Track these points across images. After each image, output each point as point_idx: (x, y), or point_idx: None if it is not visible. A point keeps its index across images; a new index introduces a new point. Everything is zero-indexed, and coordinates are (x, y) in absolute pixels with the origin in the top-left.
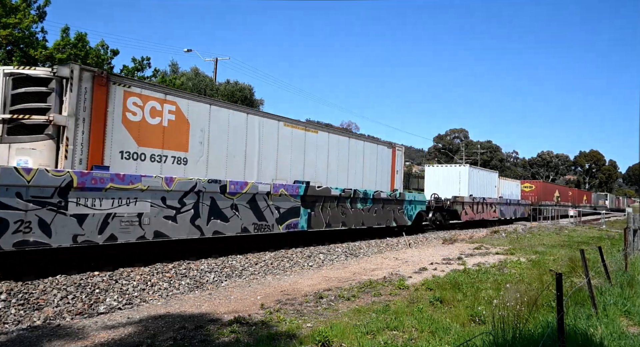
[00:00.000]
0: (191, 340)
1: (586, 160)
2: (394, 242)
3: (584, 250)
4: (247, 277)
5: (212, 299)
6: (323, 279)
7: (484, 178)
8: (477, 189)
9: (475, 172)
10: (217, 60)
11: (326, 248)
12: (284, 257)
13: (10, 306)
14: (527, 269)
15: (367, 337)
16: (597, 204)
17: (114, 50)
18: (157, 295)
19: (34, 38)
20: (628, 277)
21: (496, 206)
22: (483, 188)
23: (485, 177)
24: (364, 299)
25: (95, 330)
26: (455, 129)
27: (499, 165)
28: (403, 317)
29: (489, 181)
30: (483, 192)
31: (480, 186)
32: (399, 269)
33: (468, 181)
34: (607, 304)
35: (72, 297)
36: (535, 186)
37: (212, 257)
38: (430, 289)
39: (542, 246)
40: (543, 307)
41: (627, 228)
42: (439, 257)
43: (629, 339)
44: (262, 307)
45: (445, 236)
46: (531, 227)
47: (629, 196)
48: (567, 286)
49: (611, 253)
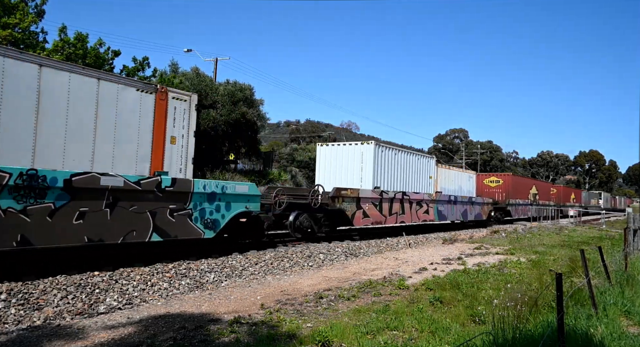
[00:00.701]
0: (191, 340)
1: (586, 160)
2: (394, 242)
3: (584, 250)
4: (247, 277)
5: (212, 299)
6: (323, 279)
7: (407, 164)
8: (393, 179)
9: (388, 154)
10: (217, 60)
11: (326, 248)
12: (284, 257)
13: (10, 306)
14: (527, 269)
15: (367, 337)
16: (588, 204)
17: (115, 51)
18: (157, 295)
19: (34, 38)
20: (628, 277)
21: (429, 204)
22: (406, 178)
23: (410, 163)
24: (364, 299)
25: (95, 330)
26: (455, 129)
27: (499, 165)
28: (403, 317)
29: (418, 169)
30: (406, 183)
31: (400, 175)
32: (399, 269)
33: (373, 167)
34: (607, 304)
35: (72, 297)
36: (503, 180)
37: (212, 257)
38: (430, 289)
39: (542, 245)
40: (543, 307)
41: (627, 228)
42: (439, 257)
43: (629, 339)
44: (262, 307)
45: (446, 236)
46: (531, 227)
47: (629, 196)
48: (567, 286)
49: (611, 253)
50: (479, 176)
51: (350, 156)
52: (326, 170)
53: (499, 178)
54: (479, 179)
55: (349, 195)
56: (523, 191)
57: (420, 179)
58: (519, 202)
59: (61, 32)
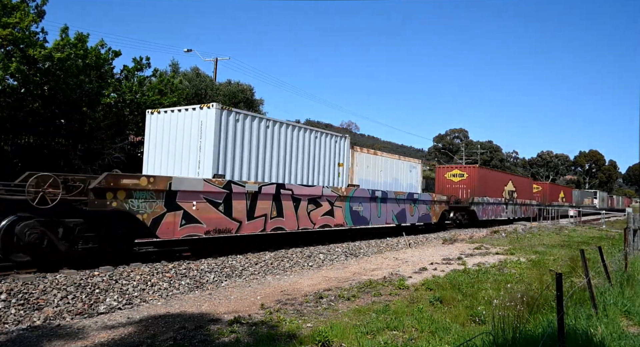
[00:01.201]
0: (191, 340)
1: (586, 160)
2: (394, 242)
3: (583, 250)
4: (247, 277)
5: (212, 299)
6: (323, 279)
7: (295, 144)
8: (265, 164)
9: (249, 126)
10: (217, 60)
11: (326, 248)
12: (284, 257)
13: (10, 306)
14: (527, 269)
15: (367, 337)
16: (580, 203)
17: (115, 52)
18: (157, 295)
19: (34, 38)
20: (628, 277)
21: (335, 203)
22: (292, 165)
23: (301, 143)
24: (364, 299)
25: (95, 330)
26: (455, 129)
27: (499, 165)
28: (403, 317)
29: (317, 153)
30: (293, 172)
31: (281, 160)
32: (399, 269)
33: (215, 143)
34: (607, 304)
35: (72, 297)
36: (468, 174)
37: (212, 257)
38: (430, 289)
39: (542, 245)
40: (543, 307)
41: (627, 228)
42: (439, 257)
43: (629, 339)
44: (262, 307)
45: (446, 236)
46: (531, 227)
47: (629, 196)
48: (567, 286)
49: (611, 253)
50: (440, 169)
51: (187, 128)
52: (158, 151)
53: (464, 171)
54: (440, 172)
55: (143, 187)
56: (495, 187)
57: (320, 166)
58: (488, 200)
59: (62, 32)
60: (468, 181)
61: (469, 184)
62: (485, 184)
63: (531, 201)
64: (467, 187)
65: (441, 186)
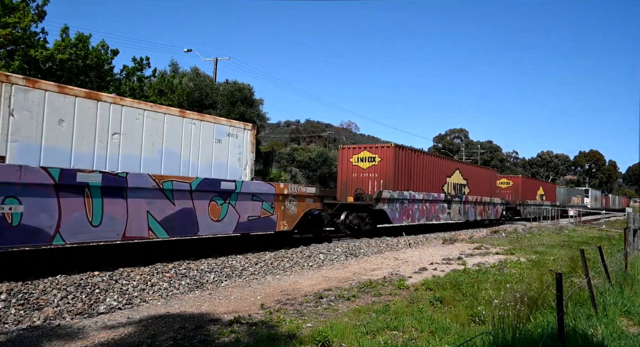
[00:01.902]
0: (191, 340)
1: (586, 160)
2: (394, 242)
3: (583, 250)
4: (247, 277)
5: (212, 299)
6: (323, 279)
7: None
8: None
9: None
10: (217, 60)
11: (326, 248)
12: (284, 257)
13: (10, 306)
14: (527, 269)
15: (367, 337)
16: (566, 202)
17: (114, 51)
18: (157, 295)
19: (34, 38)
20: (628, 277)
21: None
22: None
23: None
24: (364, 299)
25: (95, 330)
26: (455, 129)
27: (499, 165)
28: (403, 317)
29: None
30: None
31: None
32: (399, 269)
33: None
34: (607, 304)
35: (72, 297)
36: (381, 158)
37: (212, 257)
38: (430, 289)
39: (542, 246)
40: (543, 307)
41: (627, 228)
42: (439, 257)
43: (629, 339)
44: (262, 307)
45: (446, 236)
46: (531, 227)
47: (629, 196)
48: (567, 286)
49: (611, 253)
50: (345, 151)
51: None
52: None
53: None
54: (345, 156)
55: None
56: (428, 179)
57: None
58: (414, 196)
59: (63, 32)
60: (380, 167)
61: (382, 171)
62: (408, 173)
63: (493, 199)
64: (380, 176)
65: (345, 175)
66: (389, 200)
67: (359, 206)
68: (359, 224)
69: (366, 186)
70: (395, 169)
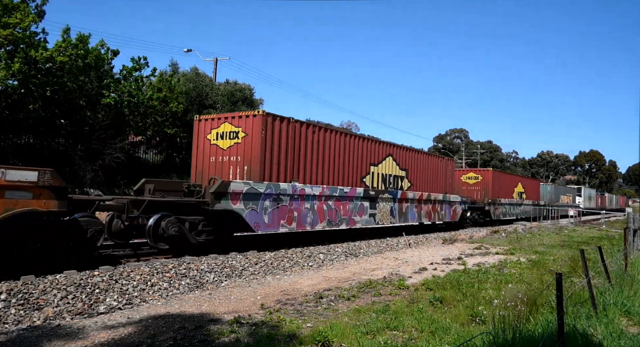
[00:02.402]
0: (191, 340)
1: (586, 160)
2: (394, 242)
3: (583, 250)
4: (247, 277)
5: (212, 299)
6: (323, 279)
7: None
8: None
9: None
10: (217, 60)
11: (326, 248)
12: (284, 257)
13: (10, 306)
14: (527, 269)
15: (367, 337)
16: (553, 202)
17: (114, 51)
18: (157, 295)
19: (34, 39)
20: (628, 277)
21: None
22: None
23: None
24: (364, 299)
25: (95, 330)
26: (455, 129)
27: (499, 165)
28: (403, 317)
29: None
30: None
31: None
32: (399, 269)
33: None
34: (607, 304)
35: (72, 297)
36: (248, 132)
37: (212, 257)
38: (430, 289)
39: (542, 246)
40: (543, 307)
41: (627, 228)
42: (439, 257)
43: (628, 339)
44: (262, 307)
45: (446, 236)
46: (531, 227)
47: (629, 196)
48: (567, 286)
49: (611, 253)
50: (201, 124)
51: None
52: None
53: (239, 126)
54: (202, 130)
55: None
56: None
57: None
58: (284, 191)
59: (64, 33)
60: (245, 147)
61: (247, 153)
62: (294, 156)
63: (449, 196)
64: (244, 160)
65: (202, 159)
66: (247, 195)
67: (184, 205)
68: (184, 234)
69: (226, 174)
70: (264, 149)
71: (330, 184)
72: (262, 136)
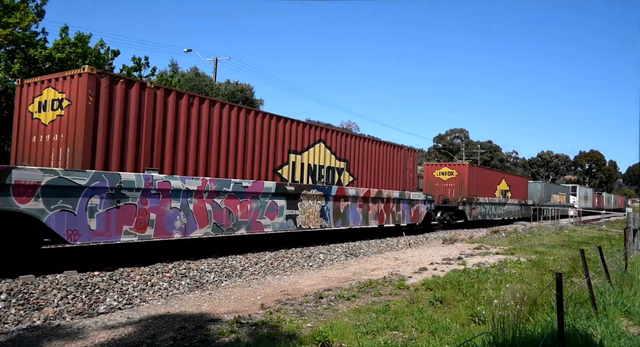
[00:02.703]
0: (191, 340)
1: (586, 160)
2: (394, 242)
3: (583, 250)
4: (247, 277)
5: (212, 299)
6: (323, 279)
7: None
8: None
9: None
10: (217, 60)
11: (326, 248)
12: (284, 257)
13: (10, 306)
14: (527, 269)
15: (367, 337)
16: (544, 202)
17: (114, 51)
18: (157, 295)
19: (34, 38)
20: (628, 277)
21: None
22: None
23: None
24: (364, 299)
25: (95, 330)
26: (455, 129)
27: (499, 165)
28: (403, 317)
29: None
30: None
31: None
32: (399, 269)
33: None
34: (607, 304)
35: (72, 297)
36: (71, 100)
37: (212, 257)
38: (430, 289)
39: (542, 245)
40: (543, 307)
41: (627, 228)
42: (439, 257)
43: (628, 339)
44: (262, 307)
45: (446, 236)
46: (531, 227)
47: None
48: (567, 286)
49: (611, 253)
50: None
51: None
52: None
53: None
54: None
55: None
56: (232, 154)
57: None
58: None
59: (63, 32)
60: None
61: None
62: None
63: (408, 194)
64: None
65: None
66: (53, 190)
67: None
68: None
69: (47, 160)
70: (93, 123)
71: (219, 176)
72: (90, 105)
